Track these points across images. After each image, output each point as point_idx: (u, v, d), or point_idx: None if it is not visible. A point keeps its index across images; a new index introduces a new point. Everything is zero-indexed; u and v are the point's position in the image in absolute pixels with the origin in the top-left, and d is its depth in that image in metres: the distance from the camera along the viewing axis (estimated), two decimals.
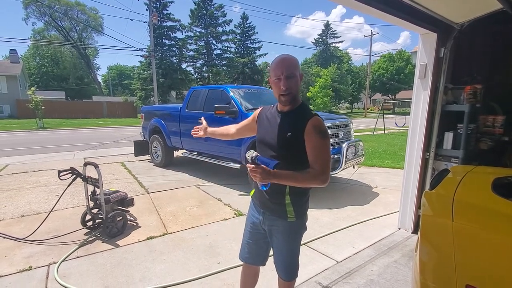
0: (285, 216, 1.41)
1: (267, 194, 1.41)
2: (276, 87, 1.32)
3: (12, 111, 25.76)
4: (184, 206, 3.94)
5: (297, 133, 1.30)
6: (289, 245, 1.47)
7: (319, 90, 28.88)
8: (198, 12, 31.94)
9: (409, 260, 2.53)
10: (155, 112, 6.80)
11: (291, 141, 1.32)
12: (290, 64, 1.29)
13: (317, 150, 1.28)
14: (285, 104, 1.36)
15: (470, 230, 1.21)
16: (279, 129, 1.36)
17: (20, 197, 4.24)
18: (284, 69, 1.28)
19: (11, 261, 2.53)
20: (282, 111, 1.41)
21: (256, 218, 1.53)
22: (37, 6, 39.37)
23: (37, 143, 10.69)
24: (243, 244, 1.62)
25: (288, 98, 1.32)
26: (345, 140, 4.43)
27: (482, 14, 2.41)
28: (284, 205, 1.39)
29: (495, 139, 2.80)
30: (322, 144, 1.28)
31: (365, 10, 2.21)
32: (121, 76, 55.41)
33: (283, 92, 1.30)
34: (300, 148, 1.31)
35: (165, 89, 28.78)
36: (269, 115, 1.46)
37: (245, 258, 1.62)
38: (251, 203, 1.62)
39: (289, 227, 1.43)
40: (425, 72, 2.87)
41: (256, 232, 1.55)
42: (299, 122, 1.31)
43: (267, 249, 1.60)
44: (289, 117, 1.36)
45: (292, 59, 1.31)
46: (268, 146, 1.39)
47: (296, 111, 1.37)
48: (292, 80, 1.29)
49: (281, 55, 1.33)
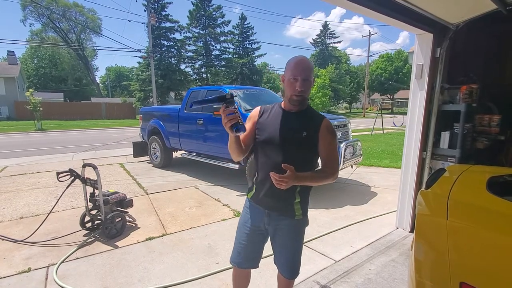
0: (293, 214, 1.43)
1: (279, 194, 1.36)
2: (290, 86, 1.33)
3: (10, 112, 25.67)
4: (183, 207, 3.95)
5: (312, 133, 1.35)
6: (295, 243, 1.49)
7: (317, 90, 28.90)
8: (197, 13, 31.94)
9: (406, 259, 2.55)
10: (153, 113, 6.80)
11: (306, 141, 1.35)
12: (308, 67, 1.31)
13: (331, 149, 1.38)
14: (294, 104, 1.36)
15: (464, 228, 1.22)
16: (293, 129, 1.36)
17: (19, 199, 4.24)
18: (302, 71, 1.30)
19: (10, 262, 2.53)
20: (291, 111, 1.40)
21: (258, 219, 1.49)
22: (35, 7, 39.32)
23: (36, 144, 10.66)
24: (237, 248, 1.57)
25: (300, 99, 1.34)
26: (343, 140, 4.45)
27: (477, 14, 2.43)
28: (293, 204, 1.42)
29: (491, 138, 2.82)
30: (335, 144, 1.40)
31: (361, 11, 2.22)
32: (120, 77, 55.32)
33: (298, 93, 1.32)
34: (311, 147, 1.37)
35: (164, 90, 28.76)
36: (275, 115, 1.42)
37: (239, 263, 1.57)
38: (248, 205, 1.56)
39: (296, 225, 1.47)
40: (421, 72, 2.89)
41: (256, 234, 1.52)
42: (313, 122, 1.37)
43: (262, 251, 1.59)
44: (302, 117, 1.39)
45: (310, 63, 1.34)
46: (279, 145, 1.36)
47: (308, 112, 1.41)
48: (307, 83, 1.32)
49: (299, 56, 1.34)
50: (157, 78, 26.34)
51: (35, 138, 13.09)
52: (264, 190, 1.42)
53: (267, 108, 1.49)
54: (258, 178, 1.46)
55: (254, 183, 1.50)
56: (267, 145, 1.39)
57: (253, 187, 1.51)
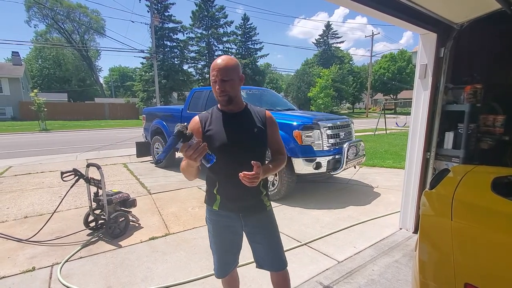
0: (264, 207, 1.48)
1: (247, 193, 1.38)
2: (213, 89, 1.35)
3: (15, 113, 25.91)
4: (186, 207, 3.96)
5: (261, 126, 1.42)
6: (275, 233, 1.52)
7: (320, 90, 28.84)
8: (200, 13, 32.01)
9: (410, 260, 2.53)
10: (156, 113, 6.82)
11: (258, 136, 1.40)
12: (225, 67, 1.30)
13: (279, 137, 1.50)
14: (224, 105, 1.37)
15: (469, 229, 1.22)
16: (244, 128, 1.39)
17: (23, 199, 4.27)
18: (219, 72, 1.29)
19: (14, 262, 2.55)
20: (233, 112, 1.41)
21: (234, 225, 1.48)
22: (39, 9, 39.64)
23: (40, 144, 10.75)
24: (222, 260, 1.56)
25: (225, 98, 1.34)
26: (346, 140, 4.43)
27: (482, 14, 2.42)
28: (261, 198, 1.46)
29: (496, 139, 2.80)
30: (279, 132, 1.52)
31: (364, 11, 2.21)
32: (123, 77, 55.60)
33: (220, 94, 1.33)
34: (263, 140, 1.43)
35: (166, 91, 28.85)
36: (218, 121, 1.39)
37: (226, 273, 1.59)
38: (215, 216, 1.49)
39: (269, 216, 1.51)
40: (425, 72, 2.87)
41: (236, 237, 1.52)
42: (258, 117, 1.44)
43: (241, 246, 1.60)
44: (247, 115, 1.43)
45: (229, 62, 1.31)
46: (235, 148, 1.34)
47: (249, 109, 1.46)
48: (227, 83, 1.31)
49: (218, 58, 1.35)
50: (160, 78, 26.44)
51: (40, 138, 13.20)
52: (232, 195, 1.41)
53: (205, 116, 1.43)
54: (220, 187, 1.43)
55: (216, 193, 1.44)
56: (223, 152, 1.33)
57: (215, 197, 1.45)
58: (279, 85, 47.19)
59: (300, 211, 3.79)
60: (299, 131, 3.93)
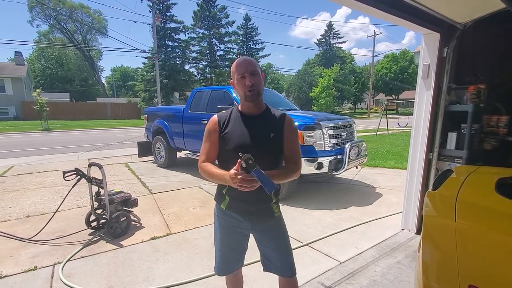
0: (272, 213, 1.46)
1: (256, 198, 1.36)
2: (240, 85, 1.33)
3: (17, 112, 26.02)
4: (187, 207, 3.96)
5: (278, 132, 1.37)
6: (284, 239, 1.50)
7: (322, 90, 28.80)
8: (201, 13, 32.03)
9: (412, 261, 2.52)
10: (158, 113, 6.84)
11: (275, 141, 1.36)
12: (251, 62, 1.34)
13: (295, 145, 1.41)
14: (251, 100, 1.34)
15: (473, 230, 1.21)
16: (261, 132, 1.36)
17: (26, 198, 4.28)
18: (247, 67, 1.31)
19: (16, 261, 2.56)
20: (252, 115, 1.39)
21: (239, 227, 1.47)
22: (42, 9, 39.84)
23: (42, 144, 10.79)
24: (224, 258, 1.54)
25: (254, 92, 1.32)
26: (348, 140, 4.42)
27: (485, 13, 2.40)
28: (270, 204, 1.44)
29: (499, 139, 2.78)
30: (297, 139, 1.45)
31: (368, 11, 2.21)
32: (125, 77, 55.72)
33: (249, 88, 1.31)
34: (281, 147, 1.38)
35: (168, 90, 28.90)
36: (237, 122, 1.38)
37: (227, 272, 1.57)
38: (222, 214, 1.49)
39: (279, 222, 1.49)
40: (428, 72, 2.86)
41: (241, 238, 1.52)
42: (276, 121, 1.39)
43: (247, 247, 1.58)
44: (265, 119, 1.39)
45: (252, 59, 1.36)
46: (253, 151, 1.29)
47: (269, 112, 1.42)
48: (255, 76, 1.31)
49: (239, 58, 1.36)
50: (162, 78, 26.48)
51: (42, 137, 13.26)
52: (240, 198, 1.39)
53: (223, 116, 1.43)
54: (230, 188, 1.38)
55: (225, 193, 1.44)
56: (237, 154, 1.27)
57: (224, 196, 1.44)
58: (281, 85, 47.14)
59: (302, 211, 3.79)
60: (300, 131, 3.92)
